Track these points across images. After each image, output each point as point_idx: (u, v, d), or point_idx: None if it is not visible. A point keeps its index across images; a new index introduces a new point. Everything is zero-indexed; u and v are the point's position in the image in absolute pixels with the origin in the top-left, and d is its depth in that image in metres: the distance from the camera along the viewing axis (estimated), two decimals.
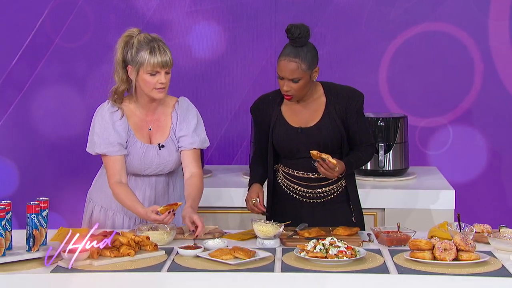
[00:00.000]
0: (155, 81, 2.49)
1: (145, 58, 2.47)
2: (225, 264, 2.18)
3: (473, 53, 3.79)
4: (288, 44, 2.54)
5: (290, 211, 2.65)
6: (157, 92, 2.51)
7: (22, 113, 3.86)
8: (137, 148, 2.58)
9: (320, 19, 3.78)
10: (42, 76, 3.84)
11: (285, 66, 2.51)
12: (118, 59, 2.54)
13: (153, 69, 2.48)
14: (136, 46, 2.50)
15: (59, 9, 3.81)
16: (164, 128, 2.61)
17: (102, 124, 2.56)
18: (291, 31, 2.51)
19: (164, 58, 2.47)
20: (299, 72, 2.51)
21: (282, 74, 2.53)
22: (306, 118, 2.63)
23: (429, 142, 3.85)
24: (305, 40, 2.52)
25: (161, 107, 2.62)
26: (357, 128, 2.64)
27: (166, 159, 2.61)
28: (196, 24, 3.81)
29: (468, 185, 3.81)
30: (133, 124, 2.59)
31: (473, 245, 2.22)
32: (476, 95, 3.82)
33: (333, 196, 2.67)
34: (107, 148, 2.54)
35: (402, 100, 3.80)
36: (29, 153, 3.86)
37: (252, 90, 3.82)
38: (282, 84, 2.55)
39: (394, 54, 3.81)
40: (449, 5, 3.78)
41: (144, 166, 2.60)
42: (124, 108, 2.58)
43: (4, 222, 2.21)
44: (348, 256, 2.19)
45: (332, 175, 2.53)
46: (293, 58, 2.51)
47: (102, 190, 2.67)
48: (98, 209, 2.70)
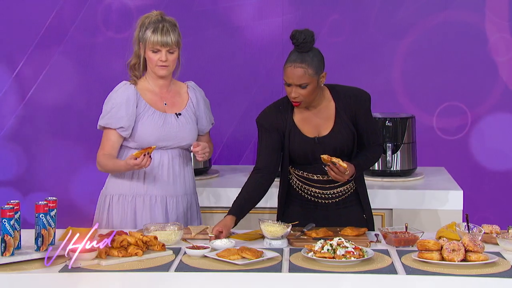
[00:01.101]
0: (156, 58, 2.67)
1: (148, 36, 2.66)
2: (232, 264, 2.18)
3: (481, 53, 3.77)
4: (293, 51, 2.53)
5: (304, 211, 2.65)
6: (159, 69, 2.68)
7: (35, 105, 3.87)
8: (155, 119, 2.70)
9: (332, 14, 3.77)
10: (56, 67, 3.85)
11: (292, 72, 2.50)
12: (135, 36, 2.73)
13: (153, 46, 2.65)
14: (146, 25, 2.68)
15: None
16: (180, 102, 2.77)
17: (114, 98, 2.71)
18: (296, 36, 2.50)
19: (164, 38, 2.64)
20: (306, 78, 2.50)
21: (290, 81, 2.52)
22: (319, 127, 2.62)
23: (437, 142, 3.83)
24: (310, 45, 2.51)
25: (174, 85, 2.79)
26: (366, 129, 2.64)
27: (185, 126, 2.73)
28: (207, 23, 3.82)
29: (477, 186, 3.79)
30: (148, 100, 2.72)
31: (482, 246, 2.22)
32: (484, 93, 3.81)
33: (346, 196, 2.67)
34: (109, 120, 2.69)
35: (414, 99, 3.79)
36: (40, 144, 3.88)
37: (260, 90, 3.82)
38: (290, 91, 2.53)
39: (406, 52, 3.80)
40: (458, 5, 3.76)
41: (163, 134, 2.69)
42: (139, 85, 2.74)
43: (13, 222, 2.22)
44: (356, 257, 2.18)
45: (342, 178, 2.52)
46: (300, 64, 2.50)
47: (118, 178, 2.75)
48: (116, 199, 2.75)
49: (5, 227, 2.21)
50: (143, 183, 2.72)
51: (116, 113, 2.69)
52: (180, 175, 2.75)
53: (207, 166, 3.56)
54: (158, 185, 2.72)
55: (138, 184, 2.73)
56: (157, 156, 2.71)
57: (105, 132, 2.74)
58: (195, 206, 2.83)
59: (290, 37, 2.52)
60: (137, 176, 2.73)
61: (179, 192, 2.75)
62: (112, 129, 2.70)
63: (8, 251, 2.21)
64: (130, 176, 2.73)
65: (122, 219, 2.73)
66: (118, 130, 2.70)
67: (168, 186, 2.73)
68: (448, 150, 3.83)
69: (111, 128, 2.70)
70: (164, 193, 2.73)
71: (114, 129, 2.70)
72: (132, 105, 2.69)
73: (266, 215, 3.09)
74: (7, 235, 2.21)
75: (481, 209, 3.74)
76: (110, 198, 2.77)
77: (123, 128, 2.69)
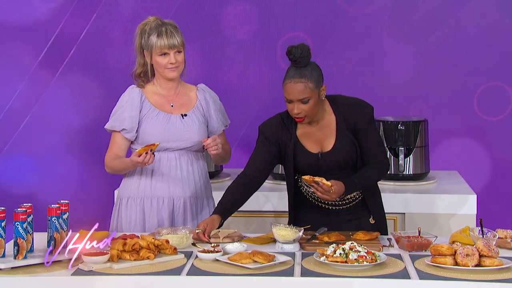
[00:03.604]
0: (166, 62, 2.68)
1: (154, 42, 2.67)
2: (244, 268, 2.17)
3: (494, 55, 3.75)
4: (291, 67, 2.51)
5: (316, 217, 2.63)
6: (170, 71, 2.70)
7: (47, 107, 3.89)
8: (159, 119, 2.72)
9: (340, 23, 3.77)
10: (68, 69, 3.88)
11: (292, 88, 2.48)
12: (136, 45, 2.75)
13: (161, 50, 2.67)
14: (148, 32, 2.70)
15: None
16: (188, 104, 2.77)
17: (120, 102, 2.75)
18: (292, 52, 2.48)
19: (170, 41, 2.66)
20: (307, 92, 2.48)
21: (291, 97, 2.49)
22: (322, 142, 2.59)
23: (450, 145, 3.81)
24: (307, 60, 2.49)
25: (183, 87, 2.80)
26: (368, 145, 2.58)
27: (190, 126, 2.72)
28: (216, 28, 3.82)
29: (490, 190, 3.76)
30: (154, 102, 2.75)
31: (496, 250, 2.19)
32: (498, 97, 3.78)
33: (355, 203, 2.65)
34: (113, 122, 2.73)
35: (424, 103, 3.77)
36: (54, 149, 3.90)
37: (270, 94, 3.82)
38: (292, 108, 2.51)
39: (416, 56, 3.79)
40: (472, 7, 3.74)
41: (167, 135, 2.70)
42: (146, 89, 2.76)
43: (26, 225, 2.23)
44: (368, 261, 2.17)
45: (329, 197, 2.47)
46: (299, 79, 2.47)
47: (127, 181, 2.77)
48: (125, 202, 2.77)
49: (18, 230, 2.22)
50: (150, 185, 2.73)
51: (120, 116, 2.72)
52: (188, 177, 2.74)
53: (218, 169, 3.56)
54: (165, 186, 2.72)
55: (146, 186, 2.73)
56: (164, 157, 2.72)
57: (112, 134, 2.77)
58: (208, 210, 2.81)
59: (286, 53, 2.49)
60: (145, 178, 2.73)
61: (187, 194, 2.74)
62: (117, 131, 2.73)
63: (21, 254, 2.22)
64: (139, 178, 2.74)
65: (130, 221, 2.74)
66: (122, 132, 2.72)
67: (175, 188, 2.73)
68: (462, 153, 3.80)
69: (116, 131, 2.73)
70: (171, 195, 2.73)
71: (119, 131, 2.72)
72: (135, 107, 2.71)
73: (286, 219, 3.08)
74: (20, 238, 2.22)
75: (495, 214, 3.71)
76: (120, 201, 2.79)
77: (126, 130, 2.71)
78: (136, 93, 2.73)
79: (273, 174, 3.49)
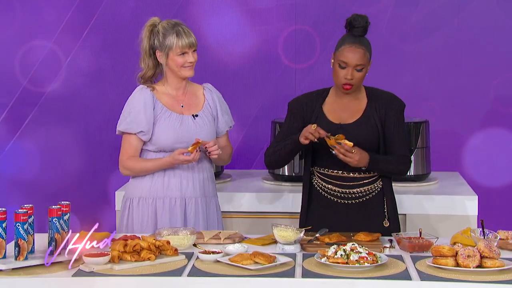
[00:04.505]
0: (184, 61, 2.68)
1: (173, 42, 2.66)
2: (245, 269, 2.17)
3: (496, 57, 3.75)
4: (349, 35, 2.58)
5: (325, 213, 2.65)
6: (187, 70, 2.70)
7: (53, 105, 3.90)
8: (172, 120, 2.71)
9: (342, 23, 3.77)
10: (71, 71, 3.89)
11: (352, 52, 2.54)
12: (145, 48, 2.72)
13: (182, 50, 2.67)
14: (162, 32, 2.67)
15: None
16: (197, 104, 2.77)
17: (132, 103, 2.72)
18: (357, 20, 2.56)
19: (190, 40, 2.67)
20: (365, 59, 2.56)
21: (349, 61, 2.55)
22: (346, 116, 2.64)
23: (452, 146, 3.81)
24: (366, 31, 2.58)
25: (191, 87, 2.80)
26: (394, 135, 2.62)
27: (202, 127, 2.73)
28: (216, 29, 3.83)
29: (492, 191, 3.75)
30: (165, 102, 2.73)
31: (498, 252, 2.19)
32: (499, 97, 3.78)
33: (368, 198, 2.65)
34: (129, 125, 2.70)
35: (425, 104, 3.77)
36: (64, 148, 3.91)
37: (271, 95, 3.82)
38: (346, 73, 2.56)
39: (417, 57, 3.78)
40: (472, 9, 3.74)
41: (180, 136, 2.69)
42: (155, 89, 2.74)
43: (27, 226, 2.23)
44: (369, 262, 2.17)
45: (351, 159, 2.51)
46: (360, 45, 2.56)
47: (137, 181, 2.76)
48: (136, 202, 2.76)
49: (19, 231, 2.22)
50: (162, 185, 2.73)
51: (135, 118, 2.70)
52: (199, 177, 2.75)
53: (219, 170, 3.56)
54: (177, 187, 2.72)
55: (158, 186, 2.73)
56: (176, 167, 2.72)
57: (124, 137, 2.74)
58: (215, 209, 2.82)
59: (350, 20, 2.58)
60: (157, 178, 2.73)
61: (198, 194, 2.75)
62: (132, 133, 2.71)
63: (22, 255, 2.22)
64: (151, 178, 2.73)
65: (142, 222, 2.73)
66: (138, 135, 2.71)
67: (188, 188, 2.73)
68: (463, 155, 3.80)
69: (131, 133, 2.71)
70: (183, 195, 2.73)
71: (134, 134, 2.71)
72: (149, 108, 2.70)
73: (287, 220, 3.09)
74: (20, 239, 2.22)
75: (496, 215, 3.71)
76: (130, 202, 2.78)
77: (143, 132, 2.70)
78: (148, 94, 2.72)
79: (274, 175, 3.49)
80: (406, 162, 2.66)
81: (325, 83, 2.79)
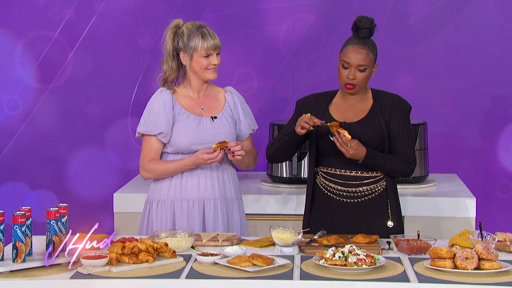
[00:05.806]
0: (208, 63, 2.69)
1: (199, 43, 2.66)
2: (243, 271, 2.17)
3: (493, 59, 3.75)
4: (354, 36, 2.62)
5: (328, 213, 2.65)
6: (211, 73, 2.71)
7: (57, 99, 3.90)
8: (190, 122, 2.71)
9: (340, 23, 3.77)
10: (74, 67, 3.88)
11: (355, 52, 2.57)
12: (168, 49, 2.71)
13: (207, 52, 2.67)
14: (187, 33, 2.68)
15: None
16: (217, 106, 2.77)
17: (152, 105, 2.72)
18: (363, 21, 2.59)
19: (215, 42, 2.68)
20: (368, 60, 2.59)
21: (351, 61, 2.58)
22: (351, 115, 2.66)
23: (450, 148, 3.81)
24: (372, 32, 2.61)
25: (211, 90, 2.80)
26: (398, 135, 2.63)
27: (220, 129, 2.72)
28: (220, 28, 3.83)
29: (490, 193, 3.76)
30: (184, 104, 2.74)
31: (496, 254, 2.19)
32: (498, 99, 3.78)
33: (372, 197, 2.65)
34: (148, 127, 2.70)
35: (423, 107, 3.77)
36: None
37: (269, 97, 3.82)
38: (348, 73, 2.59)
39: (415, 59, 3.79)
40: (470, 11, 3.74)
41: (198, 137, 2.69)
42: (176, 92, 2.74)
43: (25, 228, 2.23)
44: (367, 264, 2.17)
45: (346, 151, 2.53)
46: (363, 46, 2.59)
47: (157, 184, 2.77)
48: (155, 205, 2.76)
49: (16, 234, 2.22)
50: (180, 188, 2.73)
51: (155, 120, 2.70)
52: (218, 179, 2.74)
53: None
54: (195, 189, 2.72)
55: (176, 189, 2.73)
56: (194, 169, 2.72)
57: (144, 139, 2.74)
58: (238, 212, 2.80)
59: (356, 21, 2.61)
60: (175, 181, 2.73)
61: (218, 196, 2.74)
62: (152, 135, 2.71)
63: (19, 258, 2.22)
64: (169, 181, 2.73)
65: (161, 225, 2.73)
66: (158, 136, 2.71)
67: (206, 190, 2.73)
68: (461, 157, 3.80)
69: (151, 135, 2.71)
70: (201, 197, 2.73)
71: (154, 135, 2.71)
72: (168, 110, 2.70)
73: (290, 222, 3.09)
74: (18, 242, 2.22)
75: (494, 217, 3.71)
76: (150, 205, 2.78)
77: (162, 134, 2.70)
78: (167, 96, 2.72)
79: (272, 177, 3.49)
80: (409, 163, 2.65)
81: (325, 86, 2.79)
